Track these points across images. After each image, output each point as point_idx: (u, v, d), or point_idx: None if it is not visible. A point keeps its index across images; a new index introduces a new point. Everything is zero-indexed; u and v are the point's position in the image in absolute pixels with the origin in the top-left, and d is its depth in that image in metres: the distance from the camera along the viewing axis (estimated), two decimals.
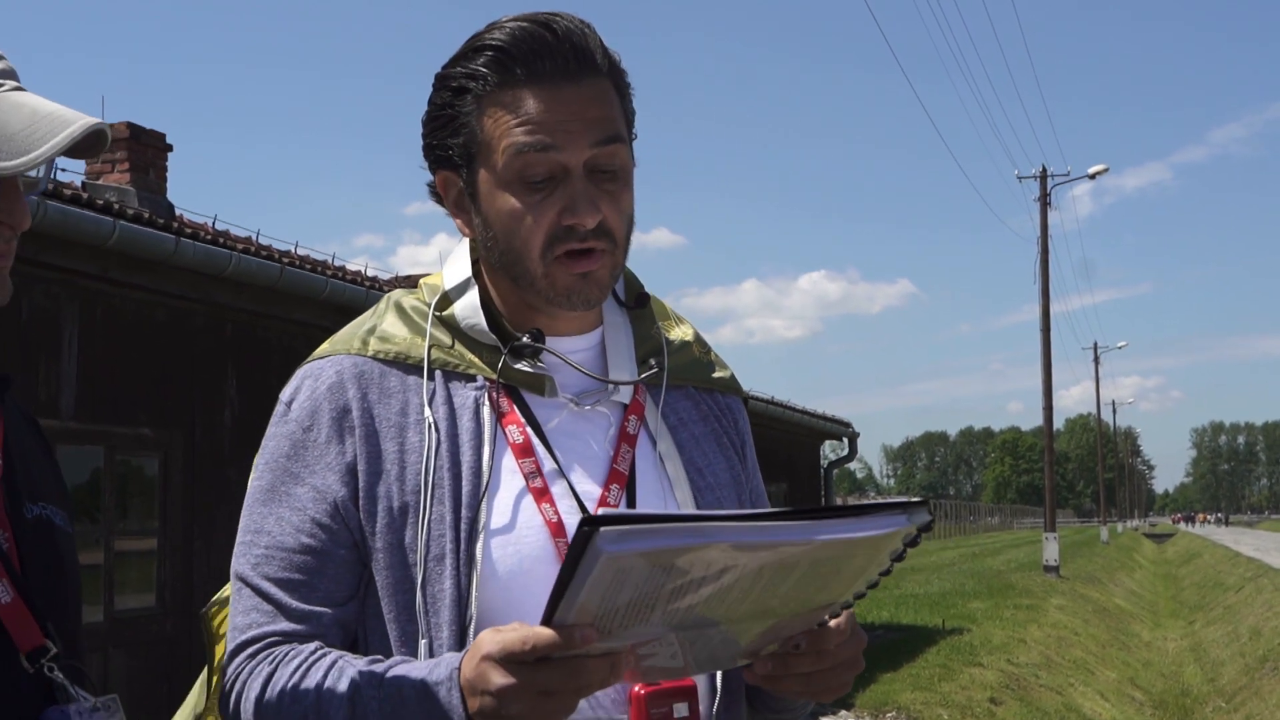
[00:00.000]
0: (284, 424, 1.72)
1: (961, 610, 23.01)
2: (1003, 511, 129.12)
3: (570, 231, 1.64)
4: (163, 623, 8.59)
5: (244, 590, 1.66)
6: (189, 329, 8.86)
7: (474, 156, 1.69)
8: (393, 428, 1.68)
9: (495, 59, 1.65)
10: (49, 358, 7.73)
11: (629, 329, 1.84)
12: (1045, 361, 35.36)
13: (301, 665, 1.57)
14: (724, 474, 1.83)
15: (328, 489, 1.66)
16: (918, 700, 13.13)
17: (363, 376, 1.71)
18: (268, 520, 1.67)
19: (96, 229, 7.28)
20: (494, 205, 1.68)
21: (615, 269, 1.71)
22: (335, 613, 1.65)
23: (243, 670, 1.61)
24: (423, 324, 1.75)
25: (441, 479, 1.64)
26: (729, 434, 1.88)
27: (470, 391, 1.71)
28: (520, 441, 1.70)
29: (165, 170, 11.13)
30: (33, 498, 1.65)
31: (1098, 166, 38.73)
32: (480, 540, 1.62)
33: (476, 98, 1.66)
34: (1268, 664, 18.60)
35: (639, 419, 1.78)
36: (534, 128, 1.63)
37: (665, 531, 1.26)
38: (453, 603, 1.60)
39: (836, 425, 21.73)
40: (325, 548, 1.65)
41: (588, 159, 1.64)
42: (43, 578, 1.59)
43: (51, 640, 1.54)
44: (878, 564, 1.44)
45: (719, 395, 1.91)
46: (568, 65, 1.65)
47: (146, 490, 8.74)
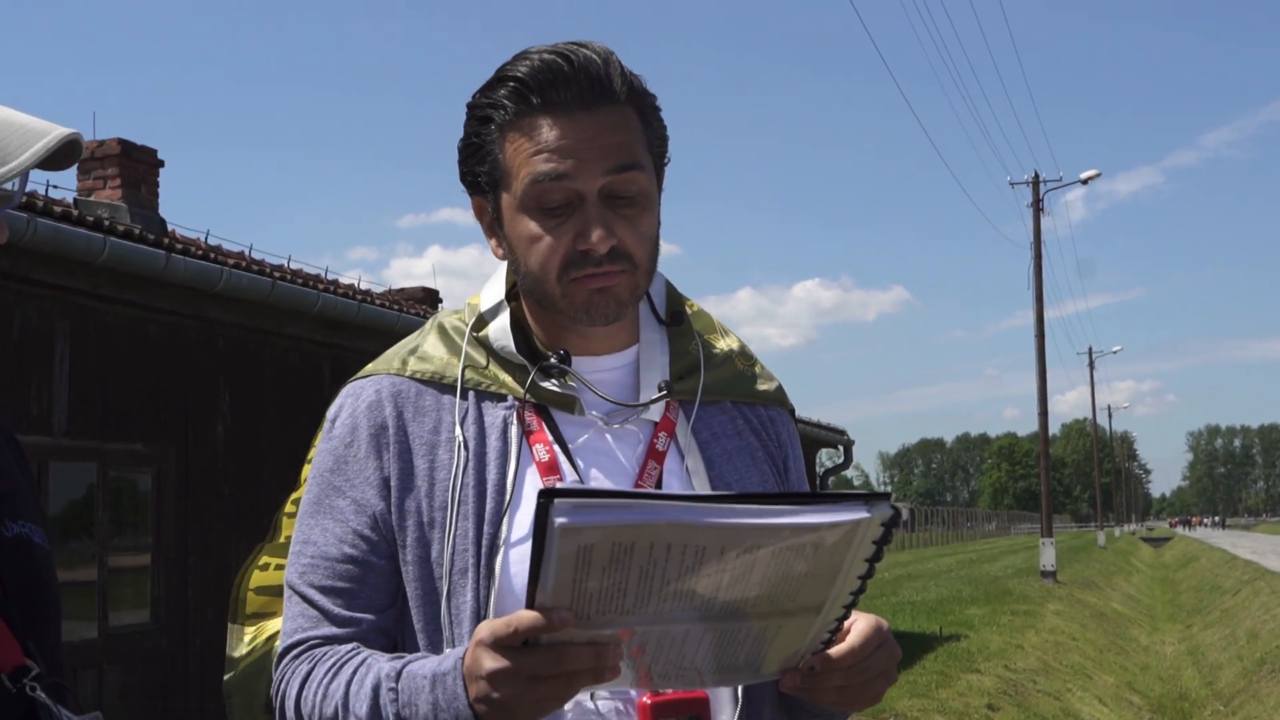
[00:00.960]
0: (328, 440, 1.81)
1: (959, 616, 23.00)
2: (1000, 517, 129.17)
3: (585, 256, 1.69)
4: (157, 638, 8.58)
5: (293, 597, 1.76)
6: (181, 344, 8.86)
7: (498, 183, 1.75)
8: (425, 445, 1.76)
9: (514, 89, 1.71)
10: (41, 374, 7.73)
11: (665, 346, 1.88)
12: (1040, 367, 35.39)
13: (335, 663, 1.67)
14: (755, 487, 1.85)
15: (367, 502, 1.75)
16: (915, 707, 13.13)
17: (399, 395, 1.79)
18: (314, 531, 1.77)
19: (87, 246, 7.28)
20: (515, 229, 1.74)
21: (636, 289, 1.76)
22: (376, 619, 1.74)
23: (287, 671, 1.72)
24: (460, 344, 1.83)
25: (467, 495, 1.72)
26: (768, 447, 1.91)
27: (500, 411, 1.78)
28: (546, 459, 1.75)
29: (157, 186, 11.14)
30: (12, 515, 1.65)
31: (1090, 171, 38.79)
32: (500, 555, 1.69)
33: (499, 126, 1.73)
34: (1265, 667, 18.59)
35: (669, 435, 1.82)
36: (549, 156, 1.69)
37: (618, 506, 1.31)
38: (473, 615, 1.67)
39: (832, 433, 21.72)
40: (366, 558, 1.74)
41: (602, 186, 1.69)
42: (23, 596, 1.59)
43: (33, 659, 1.53)
44: (853, 565, 1.44)
45: (761, 408, 1.94)
46: (583, 94, 1.70)
47: (140, 506, 8.72)
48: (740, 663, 1.52)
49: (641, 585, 1.36)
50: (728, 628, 1.46)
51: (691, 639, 1.46)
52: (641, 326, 1.88)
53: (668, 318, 1.90)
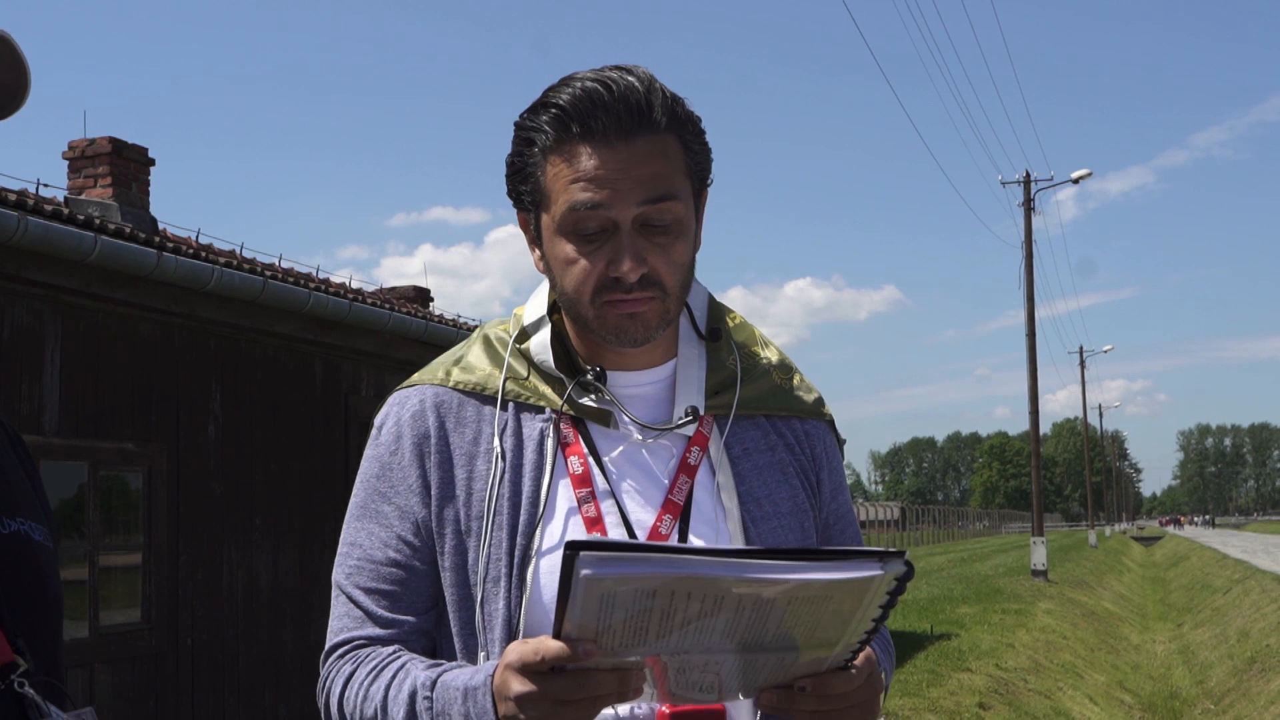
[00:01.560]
0: (375, 447, 1.88)
1: (950, 615, 23.03)
2: (991, 516, 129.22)
3: (616, 283, 1.74)
4: (148, 638, 8.57)
5: (340, 597, 1.83)
6: (172, 343, 8.85)
7: (539, 203, 1.80)
8: (464, 455, 1.82)
9: (556, 116, 1.74)
10: (31, 374, 7.72)
11: (703, 360, 1.92)
12: (1031, 366, 35.44)
13: (377, 666, 1.73)
14: (785, 504, 1.88)
15: (410, 509, 1.82)
16: (906, 706, 13.14)
17: (442, 406, 1.86)
18: (360, 534, 1.84)
19: (78, 245, 7.27)
20: (552, 250, 1.79)
21: (666, 314, 1.79)
22: (417, 621, 1.80)
23: (333, 670, 1.79)
24: (503, 355, 1.89)
25: (502, 506, 1.78)
26: (800, 462, 1.94)
27: (538, 423, 1.84)
28: (580, 472, 1.81)
29: (148, 185, 11.12)
30: (9, 513, 1.65)
31: (1081, 171, 38.81)
32: (532, 565, 1.75)
33: (541, 150, 1.77)
34: (1256, 665, 18.64)
35: (701, 450, 1.86)
36: (586, 185, 1.72)
37: (640, 560, 1.35)
38: (504, 622, 1.73)
39: None
40: (409, 561, 1.80)
41: (636, 215, 1.73)
42: (18, 593, 1.59)
43: (22, 656, 1.53)
44: (867, 610, 1.47)
45: (797, 421, 1.97)
46: (620, 123, 1.72)
47: (131, 505, 8.71)
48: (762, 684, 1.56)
49: (663, 623, 1.41)
50: (748, 657, 1.50)
51: (711, 664, 1.50)
52: (680, 341, 1.92)
53: (707, 333, 1.94)
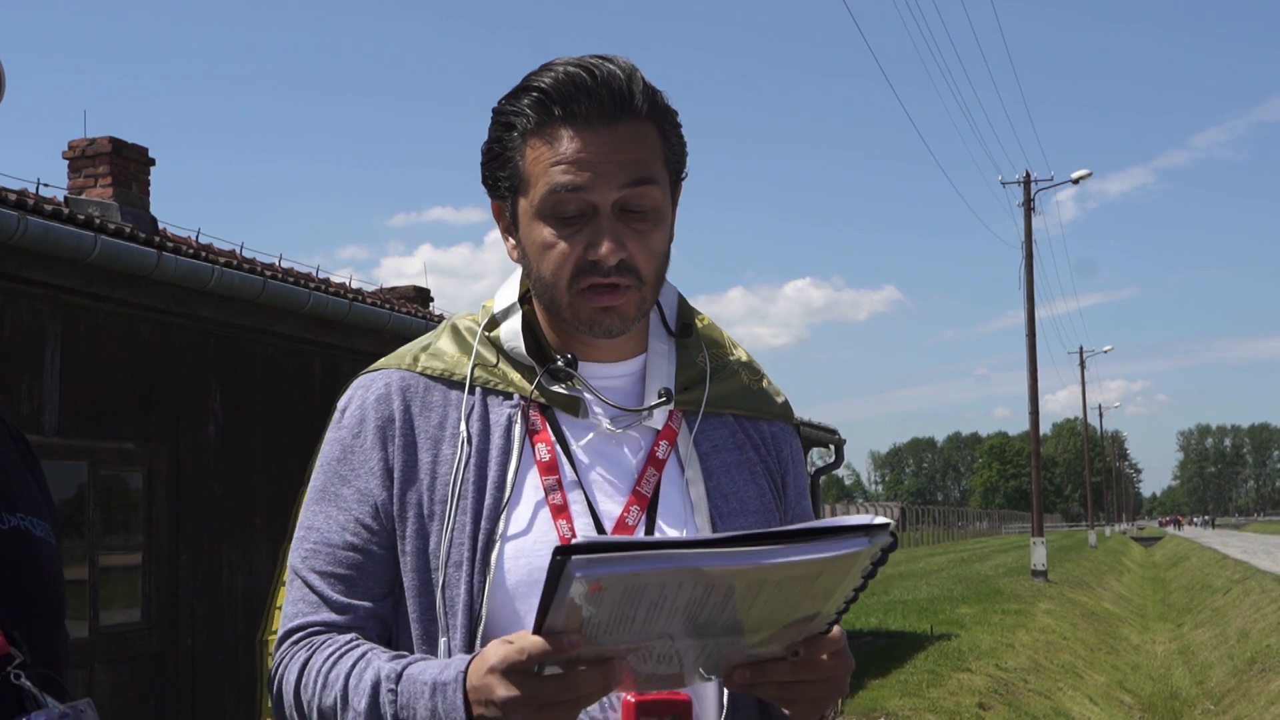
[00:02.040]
0: (337, 429, 1.86)
1: (950, 616, 23.04)
2: (991, 517, 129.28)
3: (594, 266, 1.74)
4: (148, 637, 8.57)
5: (295, 581, 1.81)
6: (172, 343, 8.85)
7: (517, 188, 1.79)
8: (429, 439, 1.81)
9: (538, 99, 1.75)
10: (31, 373, 7.72)
11: (673, 356, 1.92)
12: (1031, 366, 35.45)
13: (335, 653, 1.70)
14: (751, 502, 1.88)
15: (370, 492, 1.79)
16: (906, 706, 13.15)
17: (408, 390, 1.84)
18: (318, 518, 1.82)
19: (78, 244, 7.27)
20: (530, 235, 1.78)
21: (642, 304, 1.80)
22: (374, 607, 1.78)
23: (286, 656, 1.76)
24: (472, 344, 1.88)
25: (467, 490, 1.76)
26: (767, 463, 1.94)
27: (506, 409, 1.83)
28: (547, 459, 1.80)
29: (148, 184, 11.11)
30: (10, 508, 1.66)
31: (1081, 171, 38.85)
32: (495, 550, 1.73)
33: (520, 134, 1.77)
34: (1256, 666, 18.64)
35: (670, 444, 1.86)
36: (567, 167, 1.73)
37: (631, 559, 1.34)
38: (465, 607, 1.71)
39: (823, 433, 21.74)
40: (367, 546, 1.78)
41: (617, 199, 1.73)
42: (16, 587, 1.60)
43: (18, 648, 1.54)
44: (850, 580, 1.48)
45: (764, 423, 1.97)
46: (603, 108, 1.73)
47: (131, 505, 8.71)
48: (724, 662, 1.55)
49: (651, 614, 1.40)
50: (724, 640, 1.49)
51: (686, 650, 1.49)
52: (650, 336, 1.92)
53: (677, 329, 1.94)
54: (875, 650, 17.51)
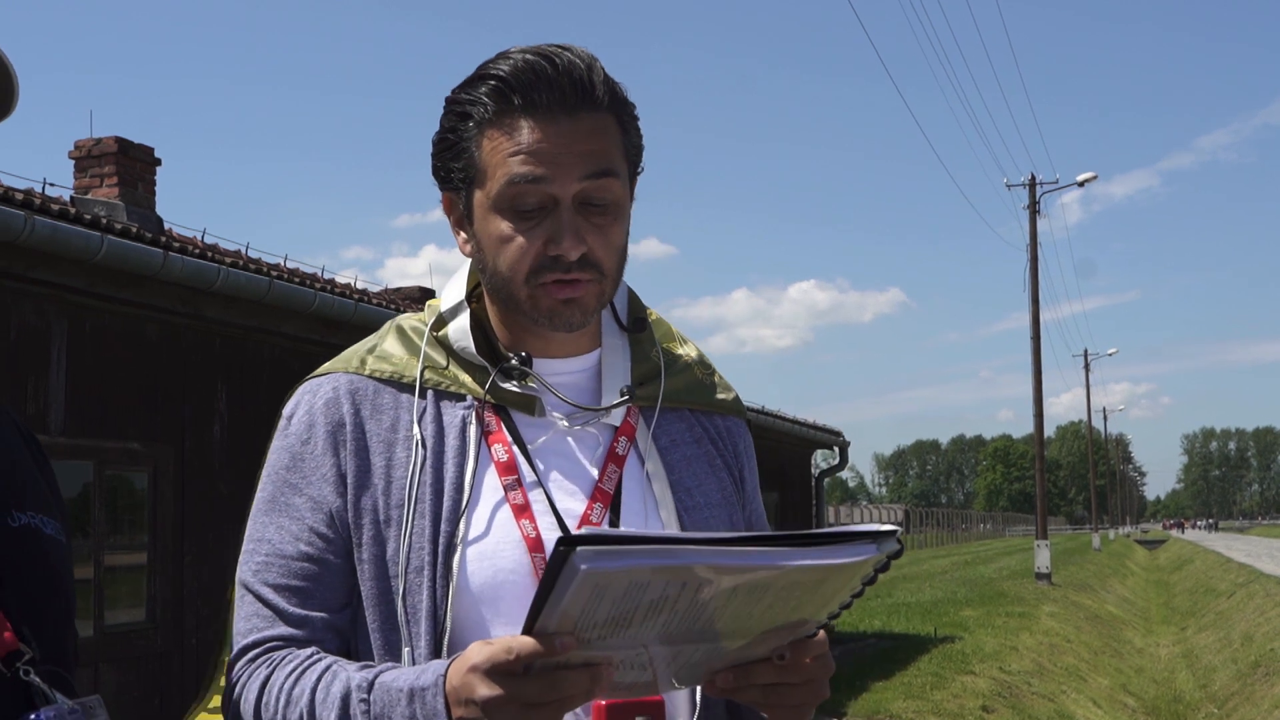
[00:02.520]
0: (284, 437, 1.79)
1: (954, 618, 23.04)
2: (994, 519, 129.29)
3: (555, 261, 1.69)
4: (153, 637, 8.58)
5: (246, 596, 1.73)
6: (178, 344, 8.86)
7: (472, 180, 1.74)
8: (382, 443, 1.75)
9: (496, 88, 1.70)
10: (37, 373, 7.72)
11: (627, 351, 1.89)
12: (1036, 369, 35.44)
13: (297, 668, 1.63)
14: (714, 495, 1.86)
15: (323, 499, 1.73)
16: (910, 708, 13.15)
17: (357, 393, 1.78)
18: (268, 529, 1.75)
19: (85, 244, 7.27)
20: (486, 228, 1.73)
21: (602, 297, 1.76)
22: (331, 618, 1.71)
23: (243, 674, 1.68)
24: (419, 345, 1.82)
25: (424, 494, 1.71)
26: (725, 457, 1.91)
27: (459, 410, 1.77)
28: (504, 459, 1.75)
29: (154, 184, 11.14)
30: (20, 506, 1.66)
31: (1086, 174, 38.88)
32: (457, 554, 1.68)
33: (477, 124, 1.72)
34: (1260, 669, 18.63)
35: (629, 440, 1.82)
36: (526, 158, 1.68)
37: (640, 552, 1.31)
38: (429, 614, 1.66)
39: (827, 434, 21.74)
40: (322, 555, 1.72)
41: (577, 191, 1.69)
42: (26, 584, 1.60)
43: (28, 644, 1.54)
44: (849, 587, 1.47)
45: (719, 418, 1.94)
46: (564, 98, 1.69)
47: (136, 505, 8.72)
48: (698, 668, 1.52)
49: (649, 614, 1.37)
50: (706, 647, 1.47)
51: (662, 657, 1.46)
52: (604, 332, 1.88)
53: (630, 324, 1.90)
54: (879, 652, 17.51)
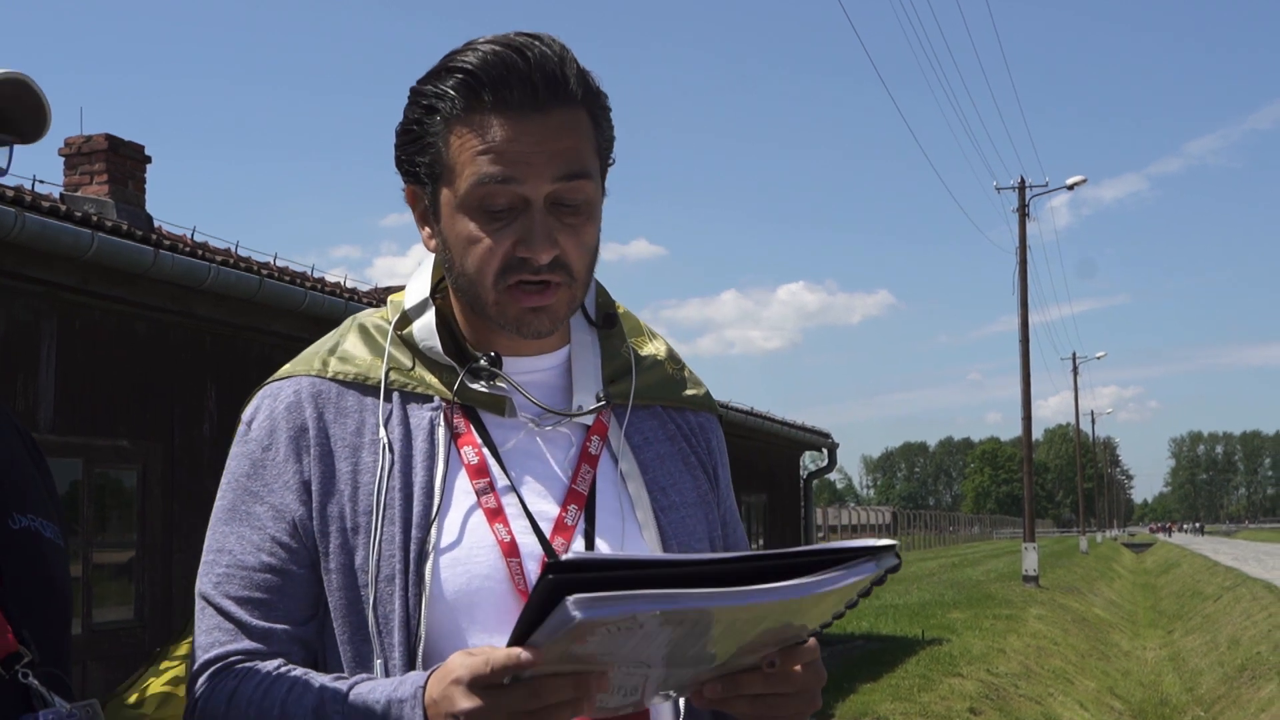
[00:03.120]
0: (244, 444, 1.73)
1: (941, 620, 23.05)
2: (982, 522, 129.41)
3: (524, 263, 1.63)
4: (141, 635, 8.56)
5: (207, 609, 1.68)
6: (168, 341, 8.85)
7: (438, 176, 1.68)
8: (347, 448, 1.69)
9: (465, 82, 1.63)
10: (27, 370, 7.71)
11: (597, 348, 1.83)
12: (1024, 372, 35.48)
13: (264, 680, 1.58)
14: (690, 493, 1.81)
15: (286, 508, 1.67)
16: (897, 710, 13.16)
17: (320, 396, 1.72)
18: (229, 539, 1.69)
19: (75, 241, 7.26)
20: (453, 228, 1.67)
21: (573, 301, 1.70)
22: (295, 630, 1.66)
23: (205, 688, 1.63)
24: (382, 344, 1.76)
25: (393, 499, 1.65)
26: (698, 454, 1.86)
27: (426, 412, 1.71)
28: (475, 462, 1.69)
29: (144, 182, 11.13)
30: (20, 509, 1.64)
31: (1076, 178, 38.94)
32: (430, 561, 1.62)
33: (444, 119, 1.65)
34: (1246, 673, 18.67)
35: (601, 439, 1.77)
36: (496, 158, 1.61)
37: (638, 598, 1.26)
38: (402, 624, 1.61)
39: (816, 436, 21.75)
40: (285, 566, 1.66)
41: (549, 193, 1.63)
42: (25, 587, 1.59)
43: (27, 647, 1.54)
44: (845, 599, 1.44)
45: (690, 414, 1.88)
46: (536, 94, 1.62)
47: (125, 503, 8.71)
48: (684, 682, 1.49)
49: (641, 644, 1.34)
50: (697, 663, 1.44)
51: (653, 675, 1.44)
52: (573, 328, 1.82)
53: (599, 320, 1.85)
54: (866, 654, 17.53)
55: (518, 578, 1.63)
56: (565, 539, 1.68)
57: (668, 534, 1.75)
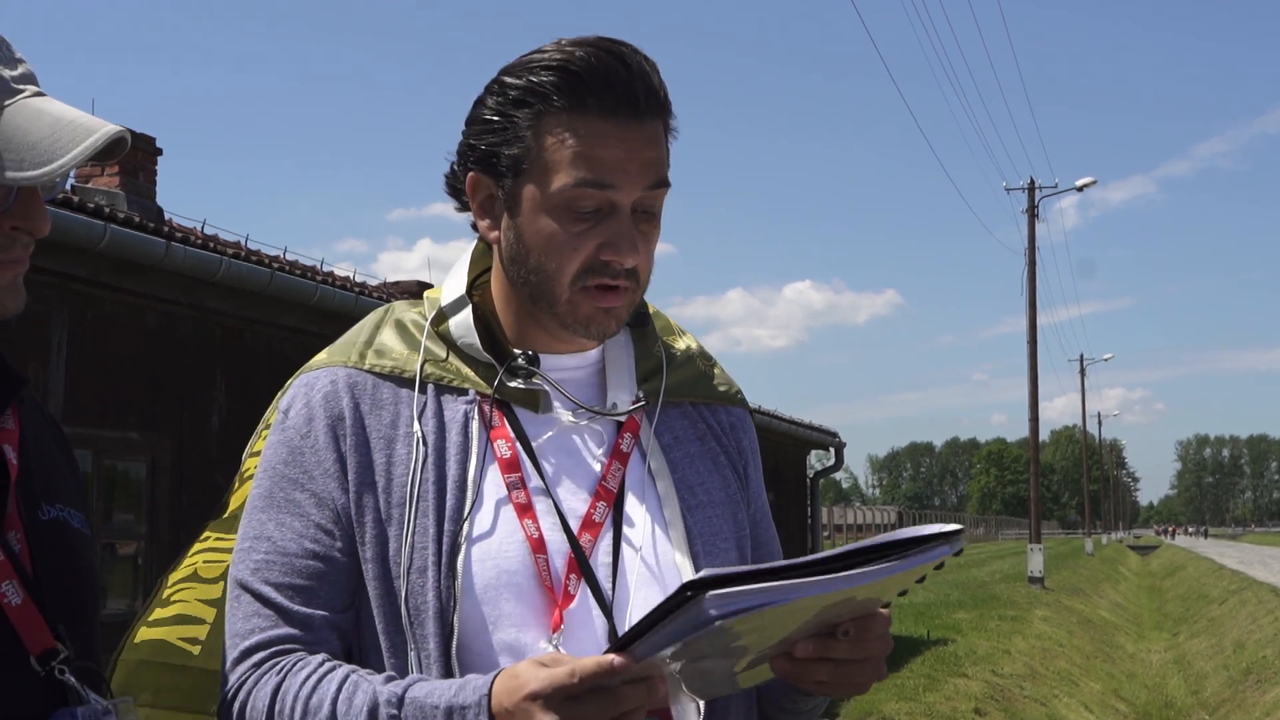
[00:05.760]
0: (281, 431, 1.73)
1: (946, 621, 23.04)
2: (988, 523, 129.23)
3: (606, 267, 1.65)
4: None
5: (243, 596, 1.67)
6: (178, 334, 8.85)
7: (524, 171, 1.67)
8: (382, 439, 1.70)
9: (569, 82, 1.64)
10: (38, 361, 7.72)
11: (630, 347, 1.85)
12: (1032, 373, 35.44)
13: (311, 677, 1.57)
14: (718, 492, 1.82)
15: (328, 495, 1.68)
16: (902, 710, 13.15)
17: (356, 387, 1.73)
18: (268, 525, 1.68)
19: (87, 232, 7.26)
20: (534, 224, 1.67)
21: (633, 306, 1.74)
22: (335, 618, 1.66)
23: (247, 679, 1.62)
24: (419, 338, 1.78)
25: (426, 492, 1.66)
26: (728, 452, 1.88)
27: (461, 405, 1.73)
28: (508, 456, 1.71)
29: (155, 174, 11.11)
30: (49, 499, 1.64)
31: (1086, 179, 38.86)
32: (462, 553, 1.63)
33: (538, 114, 1.66)
34: (1251, 676, 18.65)
35: (633, 436, 1.79)
36: (595, 163, 1.63)
37: (762, 592, 1.31)
38: (435, 615, 1.61)
39: (823, 435, 21.72)
40: (327, 553, 1.66)
41: (637, 200, 1.66)
42: (56, 580, 1.58)
43: (62, 642, 1.53)
44: (914, 578, 1.49)
45: (722, 411, 1.91)
46: (637, 103, 1.65)
47: (133, 494, 8.72)
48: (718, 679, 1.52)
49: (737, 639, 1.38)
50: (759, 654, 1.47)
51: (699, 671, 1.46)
52: None
53: (632, 319, 1.85)
54: None
55: (545, 573, 1.64)
56: (593, 536, 1.69)
57: (694, 533, 1.76)
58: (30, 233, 1.55)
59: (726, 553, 1.78)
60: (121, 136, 1.50)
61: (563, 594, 1.64)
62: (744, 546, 1.83)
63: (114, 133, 1.49)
